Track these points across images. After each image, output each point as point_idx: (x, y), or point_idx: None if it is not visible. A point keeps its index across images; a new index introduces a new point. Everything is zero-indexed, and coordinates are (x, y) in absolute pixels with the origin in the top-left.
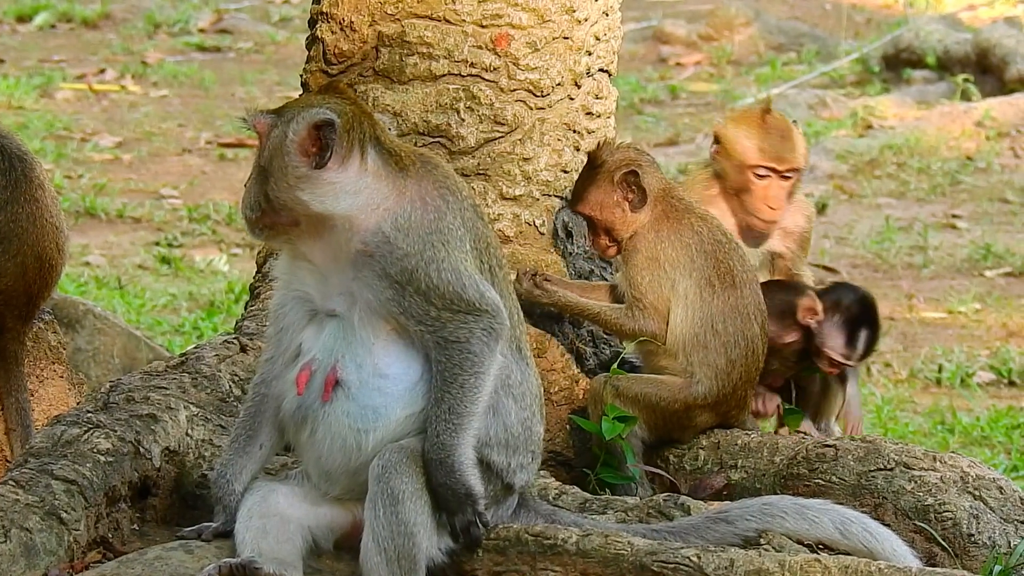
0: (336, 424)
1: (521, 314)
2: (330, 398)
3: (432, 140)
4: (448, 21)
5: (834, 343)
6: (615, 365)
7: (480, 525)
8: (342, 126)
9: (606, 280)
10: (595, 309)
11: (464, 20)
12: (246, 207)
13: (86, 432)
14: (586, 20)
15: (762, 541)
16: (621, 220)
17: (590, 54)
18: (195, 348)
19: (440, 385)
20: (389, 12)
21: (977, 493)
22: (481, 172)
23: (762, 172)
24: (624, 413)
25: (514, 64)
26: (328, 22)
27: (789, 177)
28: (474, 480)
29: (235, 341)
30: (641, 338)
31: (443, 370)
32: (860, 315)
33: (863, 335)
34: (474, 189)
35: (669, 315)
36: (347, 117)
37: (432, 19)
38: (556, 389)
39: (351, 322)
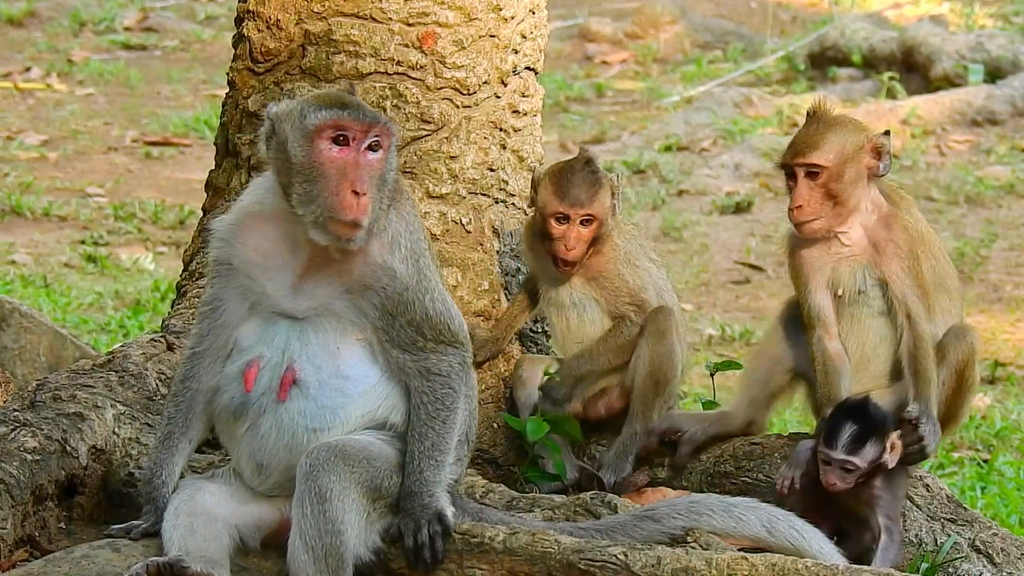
0: (289, 422)
1: None
2: (287, 397)
3: None
4: (375, 19)
5: (819, 439)
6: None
7: (443, 539)
8: None
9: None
10: (602, 352)
11: (391, 18)
12: (370, 214)
13: (12, 431)
14: (512, 18)
15: (689, 539)
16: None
17: (516, 52)
18: (122, 347)
19: (424, 420)
20: (316, 10)
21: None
22: (408, 170)
23: None
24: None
25: (440, 62)
26: (255, 20)
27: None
28: (447, 506)
29: (162, 339)
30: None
31: (427, 403)
32: (848, 412)
33: (846, 430)
34: None
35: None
36: None
37: (359, 17)
38: (483, 388)
39: (318, 328)
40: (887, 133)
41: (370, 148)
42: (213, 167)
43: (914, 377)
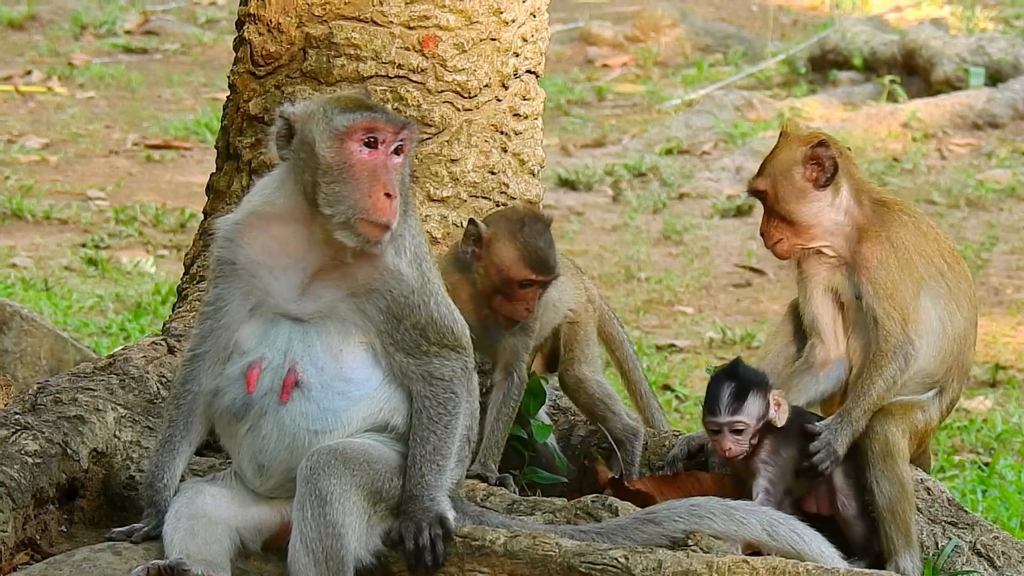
0: (290, 424)
1: None
2: (289, 398)
3: None
4: (375, 23)
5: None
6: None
7: (444, 542)
8: None
9: None
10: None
11: (391, 22)
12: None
13: (13, 434)
14: (513, 22)
15: (690, 542)
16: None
17: (517, 55)
18: (123, 349)
19: (427, 424)
20: (316, 14)
21: None
22: (409, 173)
23: None
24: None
25: (441, 65)
26: (255, 23)
27: None
28: (449, 509)
29: (163, 343)
30: None
31: (429, 407)
32: (720, 377)
33: (724, 392)
34: None
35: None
36: None
37: (359, 20)
38: (483, 391)
39: (321, 330)
40: (821, 143)
41: (395, 151)
42: (214, 170)
43: (852, 388)
